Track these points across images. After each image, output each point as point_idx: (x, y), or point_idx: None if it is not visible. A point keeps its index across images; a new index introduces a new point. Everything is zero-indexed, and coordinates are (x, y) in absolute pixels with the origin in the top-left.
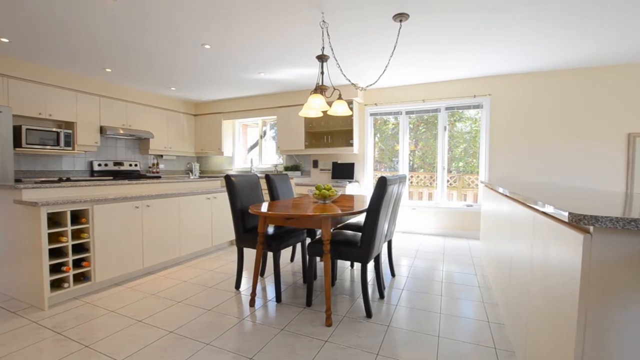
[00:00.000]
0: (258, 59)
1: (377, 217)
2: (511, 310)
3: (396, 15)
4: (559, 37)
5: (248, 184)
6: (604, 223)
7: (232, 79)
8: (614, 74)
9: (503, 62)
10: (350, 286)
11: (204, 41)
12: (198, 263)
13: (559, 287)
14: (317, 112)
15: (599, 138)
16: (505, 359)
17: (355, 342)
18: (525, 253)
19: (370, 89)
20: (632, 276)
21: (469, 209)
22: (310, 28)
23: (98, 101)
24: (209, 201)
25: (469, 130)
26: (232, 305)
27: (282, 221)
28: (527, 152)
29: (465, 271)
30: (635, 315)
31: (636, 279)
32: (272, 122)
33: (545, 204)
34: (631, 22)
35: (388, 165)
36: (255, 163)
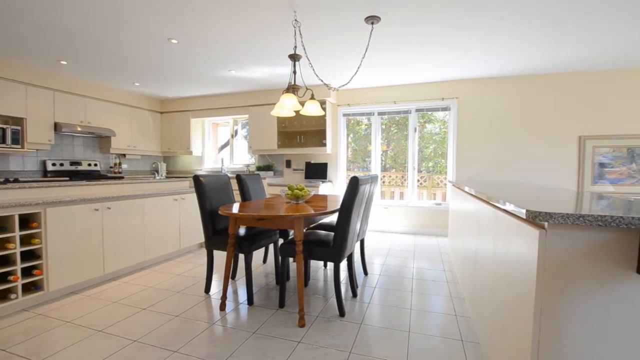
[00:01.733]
0: (228, 56)
1: (349, 216)
2: (476, 303)
3: (368, 17)
4: (519, 47)
5: (218, 185)
6: (557, 219)
7: (201, 75)
8: (567, 81)
9: (470, 67)
10: (323, 286)
11: (171, 36)
12: (165, 267)
13: (518, 280)
14: (290, 112)
15: (554, 140)
16: (471, 350)
17: (329, 342)
18: (489, 249)
19: (343, 89)
20: (581, 266)
21: (438, 207)
22: (283, 26)
23: (52, 96)
24: (176, 202)
25: (438, 131)
26: (202, 310)
27: (253, 222)
28: (491, 152)
29: (434, 268)
30: (584, 302)
31: (584, 269)
32: (244, 121)
33: (506, 202)
34: (583, 36)
35: (361, 165)
36: (227, 163)
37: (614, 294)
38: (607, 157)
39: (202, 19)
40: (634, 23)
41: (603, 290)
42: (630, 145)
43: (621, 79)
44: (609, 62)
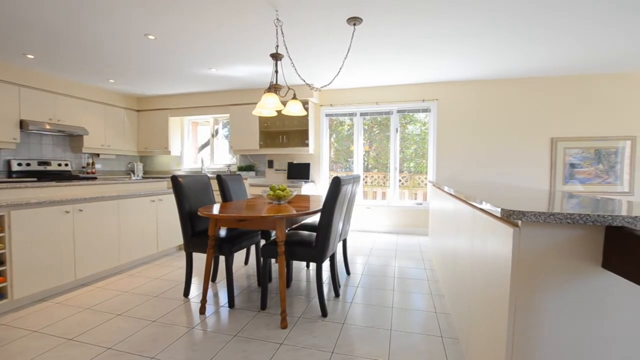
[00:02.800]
0: (208, 54)
1: (331, 216)
2: (455, 300)
3: (350, 18)
4: (496, 52)
5: (197, 185)
6: (529, 217)
7: (180, 73)
8: (540, 85)
9: (449, 70)
10: (306, 286)
11: (148, 31)
12: (142, 271)
13: (494, 276)
14: (271, 112)
15: (528, 141)
16: (450, 345)
17: (311, 342)
18: (467, 246)
19: (326, 90)
20: (552, 262)
21: (419, 207)
22: (265, 25)
23: (17, 91)
24: (153, 204)
25: (419, 132)
26: (181, 314)
27: (234, 223)
28: (469, 153)
29: (415, 266)
30: (555, 296)
31: (555, 265)
32: (225, 121)
33: (482, 201)
34: (555, 44)
35: (344, 166)
36: (207, 163)
37: (582, 287)
38: (577, 157)
39: (181, 15)
40: (603, 33)
41: (572, 284)
42: (598, 147)
43: (589, 84)
44: (578, 69)
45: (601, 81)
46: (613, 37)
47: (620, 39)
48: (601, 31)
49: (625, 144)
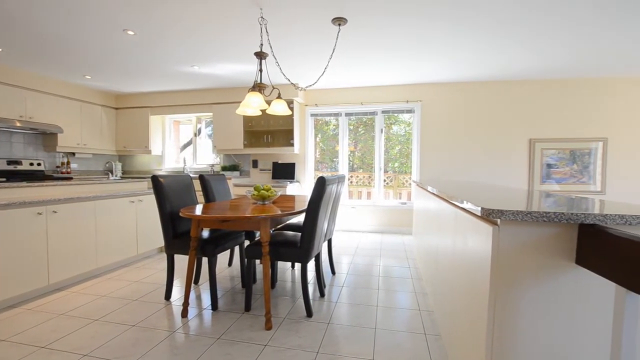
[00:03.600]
0: (191, 51)
1: (316, 216)
2: (438, 297)
3: (335, 19)
4: (478, 55)
5: (179, 185)
6: (508, 216)
7: (160, 70)
8: (519, 88)
9: (432, 72)
10: (291, 287)
11: (127, 26)
12: (121, 274)
13: (474, 273)
14: (255, 111)
15: (508, 142)
16: (433, 342)
17: (296, 343)
18: (449, 245)
19: (311, 89)
20: (530, 259)
21: (403, 206)
22: (249, 23)
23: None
24: (133, 205)
25: (403, 133)
26: (162, 317)
27: (217, 224)
28: (452, 153)
29: (400, 265)
30: (532, 291)
31: (532, 261)
32: (208, 120)
33: (464, 200)
34: (535, 48)
35: (329, 166)
36: (189, 163)
37: (557, 283)
38: (553, 158)
39: (161, 11)
40: (577, 42)
41: (548, 280)
42: (572, 148)
43: (565, 88)
44: (554, 74)
45: (576, 86)
46: (586, 46)
47: (593, 47)
48: (576, 40)
49: (597, 145)
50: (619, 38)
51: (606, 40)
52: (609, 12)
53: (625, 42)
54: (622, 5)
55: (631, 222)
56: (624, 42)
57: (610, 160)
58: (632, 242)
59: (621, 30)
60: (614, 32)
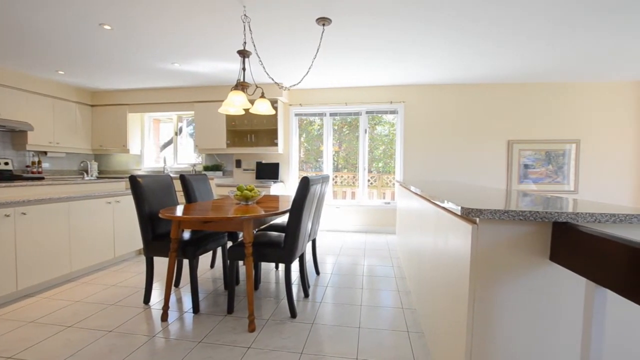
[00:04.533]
0: (171, 48)
1: (300, 216)
2: (420, 295)
3: (319, 18)
4: (458, 58)
5: (159, 186)
6: (486, 215)
7: (139, 67)
8: (498, 91)
9: (415, 74)
10: (275, 288)
11: (103, 21)
12: (96, 278)
13: (455, 271)
14: (238, 110)
15: (488, 143)
16: (416, 340)
17: (280, 344)
18: (431, 243)
19: (295, 89)
20: (507, 256)
21: (387, 206)
22: (232, 21)
23: None
24: (110, 206)
25: (387, 133)
26: (140, 322)
27: (199, 225)
28: (434, 153)
29: (383, 264)
30: (509, 287)
31: (509, 258)
32: (190, 118)
33: (445, 200)
34: (514, 53)
35: (313, 166)
36: (170, 162)
37: (532, 279)
38: (530, 159)
39: (139, 5)
40: (553, 48)
41: (524, 276)
42: (548, 149)
43: (541, 92)
44: (531, 78)
45: (551, 89)
46: (561, 53)
47: (567, 54)
48: (552, 47)
49: (571, 147)
50: (591, 47)
51: (579, 48)
52: (582, 22)
53: (596, 51)
54: (592, 16)
55: (600, 220)
56: (595, 51)
57: (583, 161)
58: (600, 239)
59: (592, 40)
60: (586, 41)
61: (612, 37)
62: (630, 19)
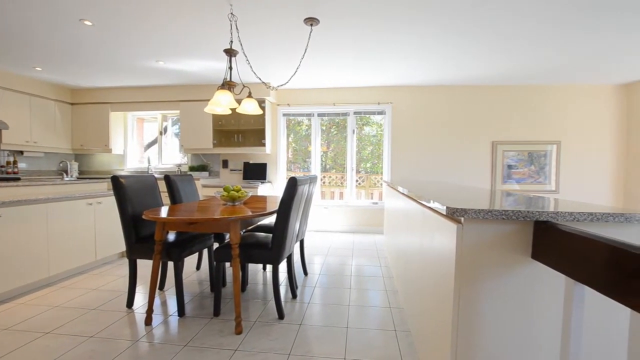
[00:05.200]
0: (156, 45)
1: (287, 217)
2: (408, 294)
3: (307, 19)
4: (445, 61)
5: (142, 186)
6: (471, 214)
7: (122, 64)
8: (483, 93)
9: (403, 75)
10: (262, 289)
11: (84, 16)
12: (77, 282)
13: (441, 270)
14: (225, 109)
15: (473, 144)
16: (403, 338)
17: (267, 346)
18: (418, 243)
19: (283, 89)
20: (491, 254)
21: (374, 206)
22: (218, 19)
23: None
24: (91, 207)
25: (375, 134)
26: (123, 326)
27: (184, 227)
28: (421, 154)
29: (371, 264)
30: (493, 285)
31: (493, 257)
32: (175, 117)
33: (431, 200)
34: (498, 57)
35: (301, 166)
36: (154, 163)
37: (515, 276)
38: (513, 159)
39: (122, 1)
40: (536, 53)
41: (507, 274)
42: (530, 150)
43: (524, 94)
44: (515, 80)
45: (533, 92)
46: (543, 56)
47: (548, 57)
48: (533, 52)
49: (552, 148)
50: (571, 52)
51: (560, 53)
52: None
53: (576, 56)
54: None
55: (579, 219)
56: (575, 56)
57: (563, 161)
58: (578, 237)
59: (573, 45)
60: (567, 47)
61: (591, 44)
62: (607, 27)
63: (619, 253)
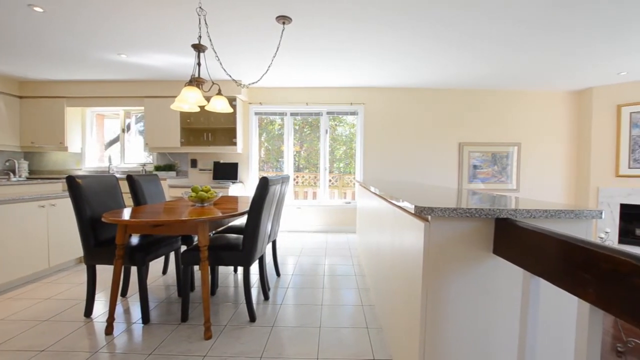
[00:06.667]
0: (117, 37)
1: (259, 218)
2: (379, 292)
3: (279, 17)
4: (414, 64)
5: (102, 187)
6: (437, 213)
7: (79, 56)
8: (452, 96)
9: (375, 76)
10: (233, 292)
11: (32, 2)
12: (26, 292)
13: (410, 267)
14: (193, 107)
15: (441, 145)
16: (375, 335)
17: (238, 350)
18: (389, 241)
19: (256, 87)
20: (456, 251)
21: (347, 205)
22: (186, 12)
23: None
24: (43, 210)
25: (347, 134)
26: (80, 337)
27: (148, 229)
28: (392, 154)
29: (344, 263)
30: (458, 279)
31: (458, 253)
32: (139, 114)
33: (401, 199)
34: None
35: (274, 166)
36: (116, 162)
37: (478, 271)
38: (479, 160)
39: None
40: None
41: (471, 269)
42: (493, 151)
43: (489, 97)
44: (480, 85)
45: (497, 96)
46: (505, 63)
47: (511, 66)
48: (496, 60)
49: (513, 149)
50: (530, 61)
51: (521, 62)
52: (523, 41)
53: (534, 65)
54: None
55: (535, 216)
56: (533, 64)
57: (523, 162)
58: (534, 232)
59: (531, 56)
60: (526, 57)
61: (547, 53)
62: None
63: (568, 246)
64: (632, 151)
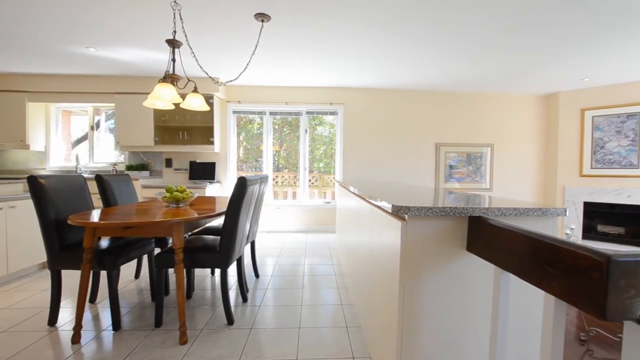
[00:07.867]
0: (84, 28)
1: (236, 218)
2: (358, 290)
3: (257, 14)
4: (394, 66)
5: (68, 187)
6: (414, 212)
7: (41, 48)
8: (429, 98)
9: (354, 76)
10: (211, 295)
11: None
12: None
13: (387, 265)
14: (167, 104)
15: (419, 145)
16: (354, 334)
17: (215, 354)
18: (367, 240)
19: (234, 86)
20: (431, 248)
21: (327, 205)
22: (159, 6)
23: None
24: (1, 212)
25: (327, 134)
26: (44, 348)
27: (119, 232)
28: (371, 154)
29: (324, 262)
30: (433, 276)
31: (433, 250)
32: (110, 111)
33: (379, 199)
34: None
35: (253, 165)
36: (84, 161)
37: (452, 268)
38: (454, 160)
39: None
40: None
41: (446, 266)
42: (468, 152)
43: (463, 99)
44: (456, 87)
45: (471, 98)
46: (480, 67)
47: (484, 68)
48: (470, 64)
49: (487, 150)
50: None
51: (494, 65)
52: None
53: (507, 68)
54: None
55: (505, 214)
56: (506, 68)
57: (496, 162)
58: (504, 230)
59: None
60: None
61: (518, 59)
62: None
63: (535, 243)
64: (594, 152)
